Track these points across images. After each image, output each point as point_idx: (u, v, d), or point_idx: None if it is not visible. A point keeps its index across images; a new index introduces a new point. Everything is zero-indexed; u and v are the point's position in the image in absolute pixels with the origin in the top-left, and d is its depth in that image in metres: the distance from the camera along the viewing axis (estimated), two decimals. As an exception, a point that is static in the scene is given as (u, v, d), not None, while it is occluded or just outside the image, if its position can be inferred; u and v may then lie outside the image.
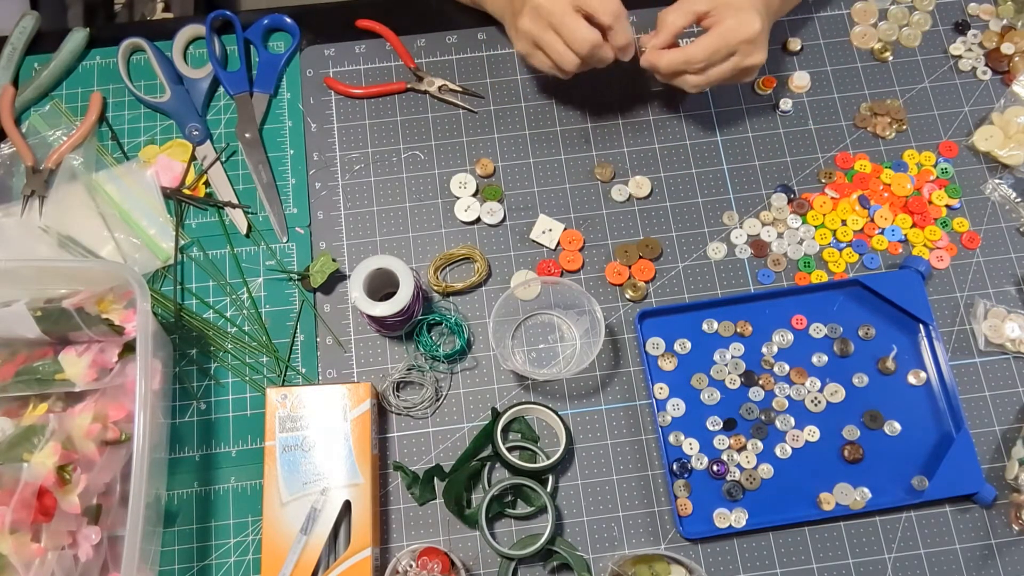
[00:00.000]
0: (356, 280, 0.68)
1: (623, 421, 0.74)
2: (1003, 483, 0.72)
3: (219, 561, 0.70)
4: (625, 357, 0.76)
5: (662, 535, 0.71)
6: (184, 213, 0.80)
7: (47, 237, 0.77)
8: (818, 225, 0.80)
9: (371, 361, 0.76)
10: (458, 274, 0.79)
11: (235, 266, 0.78)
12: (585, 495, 0.72)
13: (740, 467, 0.72)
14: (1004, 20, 0.86)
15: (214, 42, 0.84)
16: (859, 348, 0.75)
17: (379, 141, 0.82)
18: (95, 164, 0.81)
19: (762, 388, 0.74)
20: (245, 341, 0.76)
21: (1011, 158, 0.81)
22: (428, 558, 0.65)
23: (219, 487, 0.72)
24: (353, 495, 0.67)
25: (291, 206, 0.80)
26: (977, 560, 0.70)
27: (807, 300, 0.77)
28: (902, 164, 0.81)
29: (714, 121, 0.83)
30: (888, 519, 0.72)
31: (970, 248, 0.79)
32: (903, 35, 0.86)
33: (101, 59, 0.85)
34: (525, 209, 0.80)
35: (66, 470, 0.62)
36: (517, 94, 0.84)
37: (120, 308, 0.68)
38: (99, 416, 0.65)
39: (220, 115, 0.84)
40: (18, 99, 0.82)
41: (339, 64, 0.85)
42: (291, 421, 0.68)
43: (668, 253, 0.79)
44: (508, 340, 0.76)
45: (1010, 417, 0.74)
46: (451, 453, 0.73)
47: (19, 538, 0.59)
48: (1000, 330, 0.75)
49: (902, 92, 0.84)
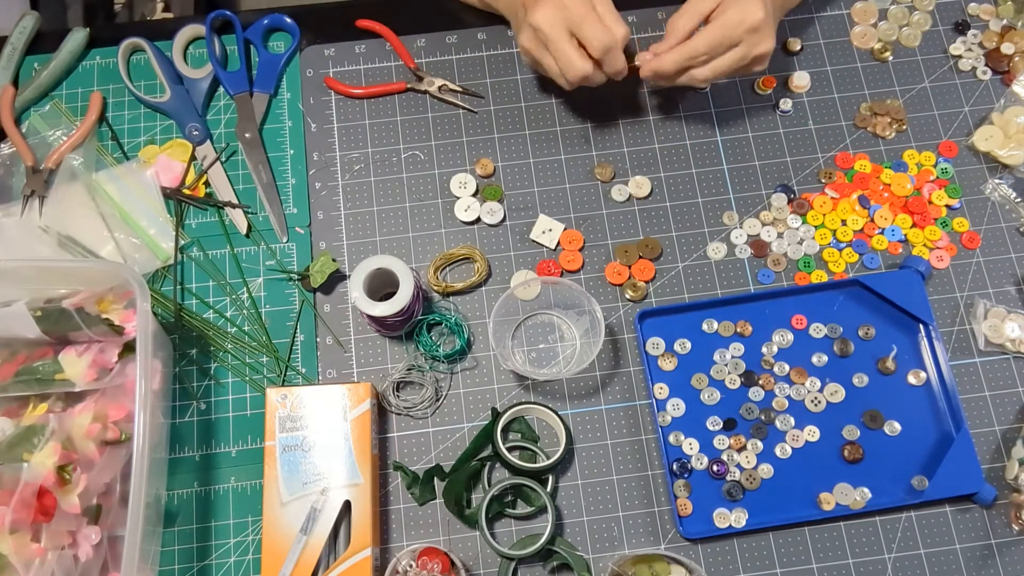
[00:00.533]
0: (356, 280, 0.68)
1: (623, 421, 0.74)
2: (1003, 483, 0.72)
3: (219, 561, 0.70)
4: (625, 357, 0.76)
5: (662, 535, 0.71)
6: (184, 213, 0.80)
7: (47, 237, 0.77)
8: (818, 225, 0.80)
9: (371, 361, 0.76)
10: (458, 274, 0.79)
11: (235, 266, 0.78)
12: (585, 495, 0.72)
13: (740, 467, 0.72)
14: (1004, 20, 0.86)
15: (214, 42, 0.84)
16: (859, 348, 0.75)
17: (379, 141, 0.82)
18: (95, 164, 0.81)
19: (762, 388, 0.74)
20: (245, 341, 0.76)
21: (1011, 158, 0.81)
22: (428, 558, 0.65)
23: (219, 487, 0.72)
24: (353, 495, 0.67)
25: (291, 206, 0.80)
26: (977, 560, 0.70)
27: (807, 300, 0.77)
28: (902, 164, 0.81)
29: (714, 121, 0.83)
30: (888, 519, 0.72)
31: (970, 248, 0.79)
32: (903, 35, 0.86)
33: (101, 59, 0.85)
34: (525, 209, 0.80)
35: (66, 470, 0.62)
36: (517, 94, 0.84)
37: (120, 308, 0.68)
38: (99, 416, 0.65)
39: (220, 115, 0.84)
40: (18, 99, 0.82)
41: (339, 64, 0.85)
42: (291, 421, 0.68)
43: (668, 253, 0.79)
44: (508, 340, 0.76)
45: (1010, 417, 0.74)
46: (451, 453, 0.73)
47: (19, 538, 0.59)
48: (1000, 330, 0.75)
49: (902, 92, 0.84)
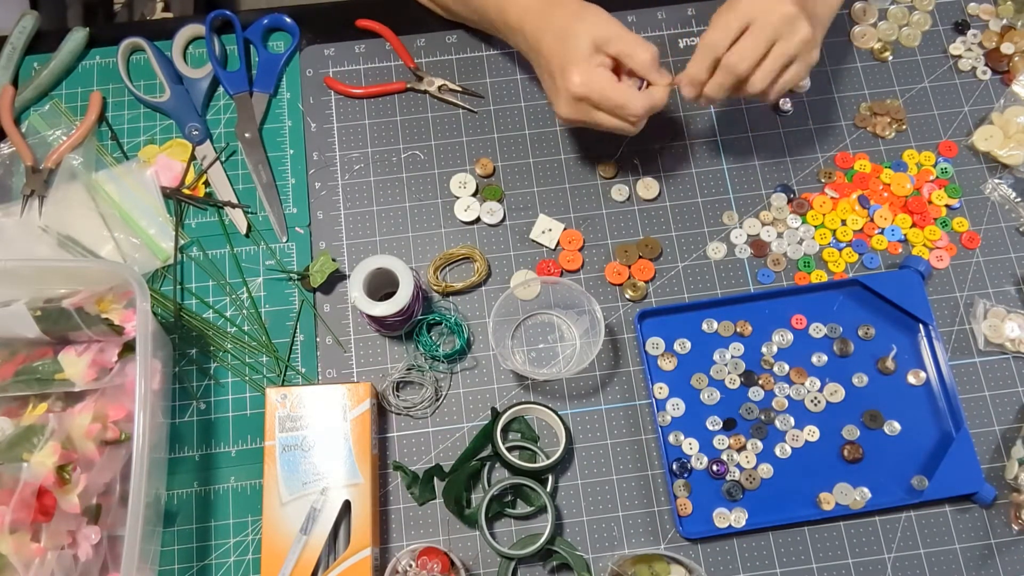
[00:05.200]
0: (356, 280, 0.68)
1: (623, 421, 0.74)
2: (1003, 483, 0.72)
3: (219, 561, 0.70)
4: (625, 357, 0.76)
5: (662, 535, 0.71)
6: (184, 213, 0.80)
7: (47, 237, 0.77)
8: (818, 225, 0.80)
9: (371, 361, 0.76)
10: (458, 274, 0.79)
11: (235, 266, 0.78)
12: (585, 495, 0.72)
13: (740, 467, 0.72)
14: (1004, 20, 0.86)
15: (214, 42, 0.84)
16: (859, 348, 0.75)
17: (379, 141, 0.82)
18: (95, 164, 0.81)
19: (762, 388, 0.74)
20: (245, 341, 0.76)
21: (1011, 158, 0.81)
22: (428, 558, 0.65)
23: (219, 487, 0.72)
24: (353, 495, 0.67)
25: (291, 206, 0.80)
26: (977, 560, 0.70)
27: (807, 300, 0.77)
28: (902, 164, 0.81)
29: (714, 121, 0.83)
30: (888, 519, 0.72)
31: (970, 248, 0.79)
32: (903, 35, 0.86)
33: (101, 59, 0.85)
34: (525, 209, 0.80)
35: (66, 470, 0.62)
36: (517, 94, 0.84)
37: (120, 308, 0.68)
38: (99, 416, 0.65)
39: (220, 115, 0.84)
40: (18, 99, 0.82)
41: (339, 64, 0.85)
42: (291, 421, 0.68)
43: (668, 253, 0.79)
44: (508, 340, 0.76)
45: (1010, 417, 0.74)
46: (451, 453, 0.73)
47: (19, 538, 0.59)
48: (1000, 330, 0.75)
49: (902, 92, 0.84)
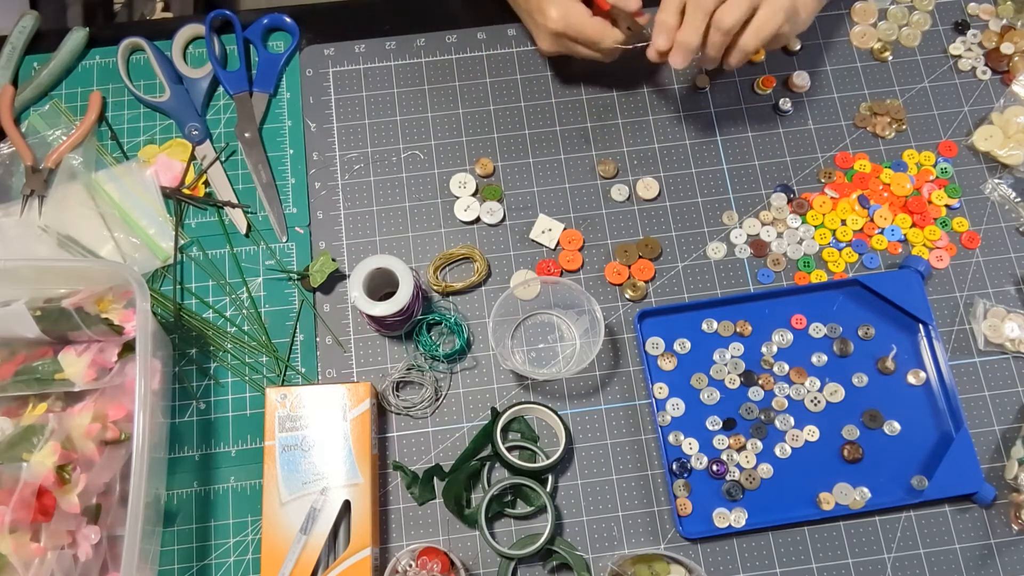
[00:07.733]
0: (356, 280, 0.68)
1: (623, 421, 0.74)
2: (1003, 483, 0.72)
3: (219, 561, 0.70)
4: (625, 357, 0.76)
5: (662, 535, 0.71)
6: (184, 213, 0.80)
7: (47, 237, 0.77)
8: (818, 225, 0.80)
9: (371, 361, 0.76)
10: (458, 274, 0.79)
11: (235, 266, 0.78)
12: (585, 495, 0.72)
13: (740, 467, 0.72)
14: (1004, 20, 0.86)
15: (214, 42, 0.84)
16: (859, 348, 0.75)
17: (379, 141, 0.82)
18: (95, 164, 0.81)
19: (762, 388, 0.74)
20: (245, 341, 0.76)
21: (1011, 158, 0.81)
22: (428, 558, 0.65)
23: (219, 487, 0.72)
24: (353, 495, 0.67)
25: (291, 206, 0.80)
26: (977, 560, 0.70)
27: (807, 300, 0.77)
28: (902, 164, 0.81)
29: (714, 121, 0.83)
30: (888, 519, 0.72)
31: (970, 248, 0.79)
32: (903, 35, 0.86)
33: (101, 59, 0.85)
34: (525, 209, 0.80)
35: (65, 470, 0.62)
36: (517, 94, 0.84)
37: (120, 308, 0.68)
38: (99, 416, 0.65)
39: (220, 115, 0.84)
40: (18, 99, 0.82)
41: (339, 64, 0.85)
42: (291, 421, 0.68)
43: (668, 253, 0.79)
44: (508, 340, 0.76)
45: (1010, 417, 0.74)
46: (451, 453, 0.73)
47: (19, 538, 0.59)
48: (1000, 330, 0.75)
49: (902, 92, 0.84)
